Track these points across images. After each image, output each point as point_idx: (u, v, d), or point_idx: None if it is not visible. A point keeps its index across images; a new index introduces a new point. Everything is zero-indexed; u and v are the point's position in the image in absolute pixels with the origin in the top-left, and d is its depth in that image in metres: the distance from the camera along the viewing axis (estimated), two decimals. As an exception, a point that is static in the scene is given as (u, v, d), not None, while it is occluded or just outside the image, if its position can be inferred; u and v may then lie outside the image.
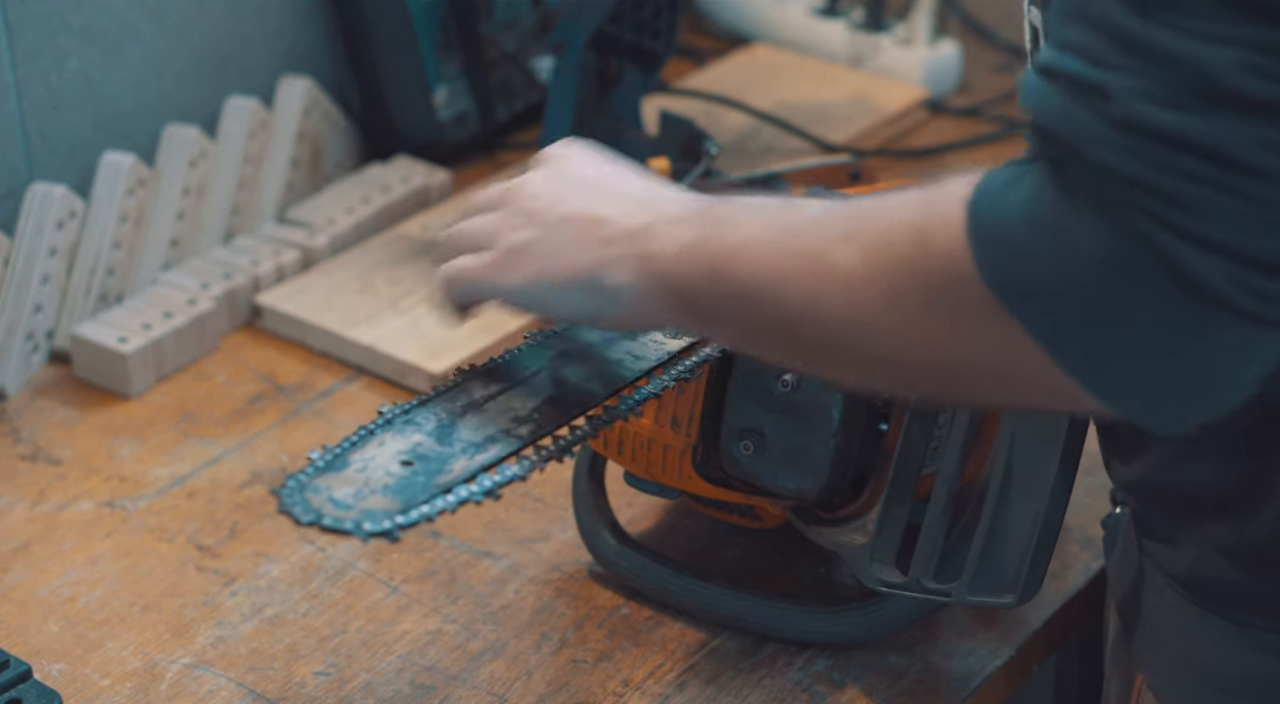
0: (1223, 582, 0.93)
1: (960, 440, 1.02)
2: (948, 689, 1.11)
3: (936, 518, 1.03)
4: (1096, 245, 0.76)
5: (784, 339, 0.89)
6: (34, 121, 1.40)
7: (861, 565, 1.06)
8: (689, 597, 1.15)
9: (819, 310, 0.85)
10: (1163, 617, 0.98)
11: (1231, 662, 0.94)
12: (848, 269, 0.84)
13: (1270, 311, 0.76)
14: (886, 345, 0.84)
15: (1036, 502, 0.99)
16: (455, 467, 0.93)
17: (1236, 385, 0.80)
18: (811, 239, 0.86)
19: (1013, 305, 0.78)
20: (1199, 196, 0.74)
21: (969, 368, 0.82)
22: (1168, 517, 0.96)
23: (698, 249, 0.90)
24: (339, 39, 1.61)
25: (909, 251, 0.82)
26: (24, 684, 1.07)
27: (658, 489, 1.14)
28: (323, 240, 1.50)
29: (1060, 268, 0.77)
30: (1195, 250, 0.74)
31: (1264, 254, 0.75)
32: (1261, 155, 0.74)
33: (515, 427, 0.96)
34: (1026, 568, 1.00)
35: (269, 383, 1.38)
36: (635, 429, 1.12)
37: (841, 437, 1.06)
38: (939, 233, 0.80)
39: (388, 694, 1.10)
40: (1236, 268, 0.75)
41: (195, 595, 1.17)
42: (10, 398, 1.36)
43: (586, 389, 0.99)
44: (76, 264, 1.40)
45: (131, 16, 1.45)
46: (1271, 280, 0.75)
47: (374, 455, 0.93)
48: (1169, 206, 0.74)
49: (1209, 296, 0.75)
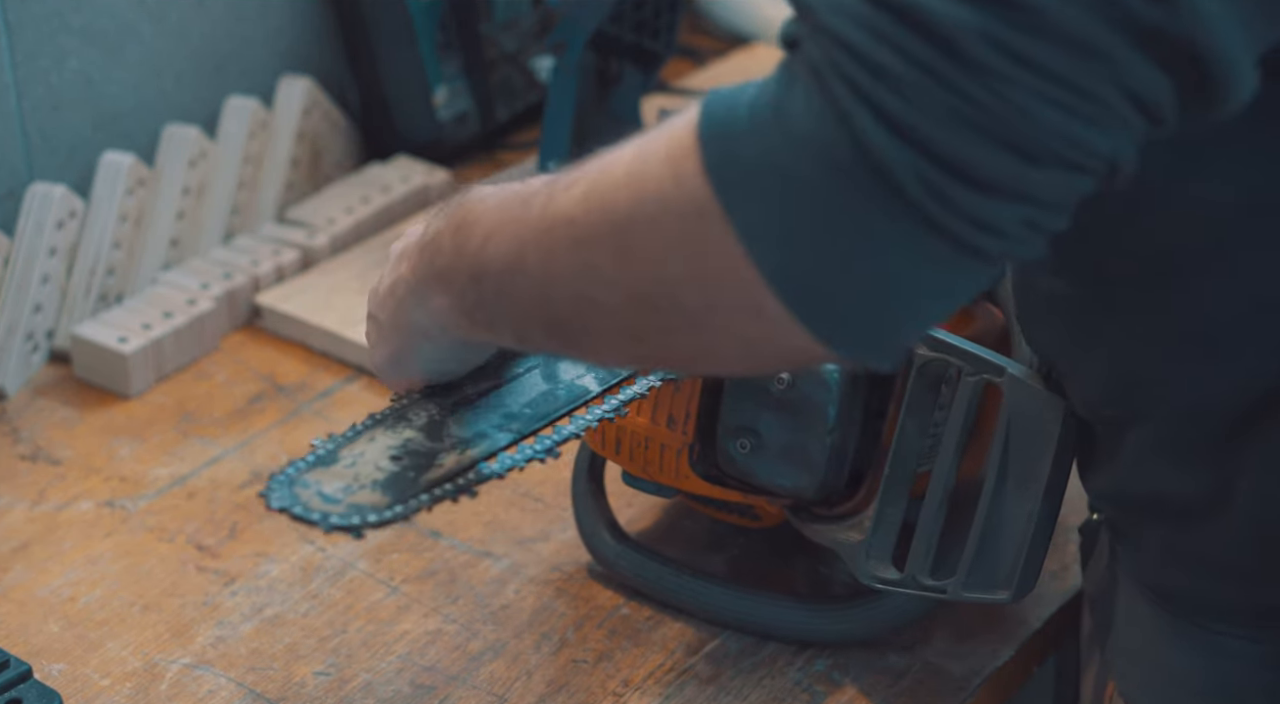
0: (1189, 589, 0.93)
1: (955, 437, 1.03)
2: (948, 689, 1.11)
3: (932, 515, 1.04)
4: (804, 124, 0.72)
5: (545, 321, 0.85)
6: (34, 121, 1.40)
7: (857, 562, 1.07)
8: (689, 596, 1.15)
9: (554, 268, 0.81)
10: (1133, 623, 0.98)
11: (1200, 669, 0.94)
12: (570, 211, 0.80)
13: (953, 222, 0.72)
14: (612, 280, 0.79)
15: (1031, 498, 0.99)
16: (446, 462, 0.93)
17: (921, 310, 0.76)
18: (542, 200, 0.83)
19: (723, 195, 0.74)
20: (907, 77, 0.70)
21: (689, 295, 0.77)
22: (1136, 524, 0.96)
23: (457, 257, 0.89)
24: (339, 39, 1.61)
25: (631, 169, 0.78)
26: (24, 684, 1.07)
27: (655, 488, 1.14)
28: (323, 240, 1.50)
29: (768, 149, 0.73)
30: (889, 135, 0.70)
31: (955, 154, 0.70)
32: (980, 47, 0.70)
33: (507, 423, 0.96)
34: (1022, 564, 1.00)
35: (269, 383, 1.38)
36: (632, 428, 1.12)
37: (837, 434, 1.06)
38: (662, 139, 0.77)
39: (388, 694, 1.10)
40: (925, 164, 0.70)
41: (195, 595, 1.17)
42: (10, 398, 1.36)
43: (580, 386, 0.99)
44: (76, 264, 1.40)
45: (131, 16, 1.45)
46: (959, 188, 0.71)
47: (364, 451, 0.93)
48: (877, 82, 0.70)
49: (894, 190, 0.71)
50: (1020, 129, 0.71)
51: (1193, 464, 0.90)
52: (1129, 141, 0.73)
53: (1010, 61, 0.70)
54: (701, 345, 0.79)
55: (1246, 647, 0.92)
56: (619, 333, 0.82)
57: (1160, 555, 0.95)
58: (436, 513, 1.24)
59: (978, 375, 1.01)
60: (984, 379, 1.01)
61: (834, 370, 1.06)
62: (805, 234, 0.73)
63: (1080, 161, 0.72)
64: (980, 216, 0.72)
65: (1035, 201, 0.72)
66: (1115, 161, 0.73)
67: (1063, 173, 0.72)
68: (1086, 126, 0.71)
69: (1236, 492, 0.89)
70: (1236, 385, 0.87)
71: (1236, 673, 0.93)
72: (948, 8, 0.70)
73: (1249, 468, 0.88)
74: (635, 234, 0.77)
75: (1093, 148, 0.72)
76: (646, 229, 0.77)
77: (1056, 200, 0.73)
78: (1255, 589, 0.91)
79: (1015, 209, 0.72)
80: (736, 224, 0.73)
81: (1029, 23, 0.70)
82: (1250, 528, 0.89)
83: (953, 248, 0.72)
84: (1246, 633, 0.92)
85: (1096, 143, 0.72)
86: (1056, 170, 0.72)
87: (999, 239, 0.73)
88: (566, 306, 0.82)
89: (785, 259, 0.73)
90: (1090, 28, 0.70)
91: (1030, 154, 0.71)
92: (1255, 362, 0.86)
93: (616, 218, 0.78)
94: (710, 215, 0.74)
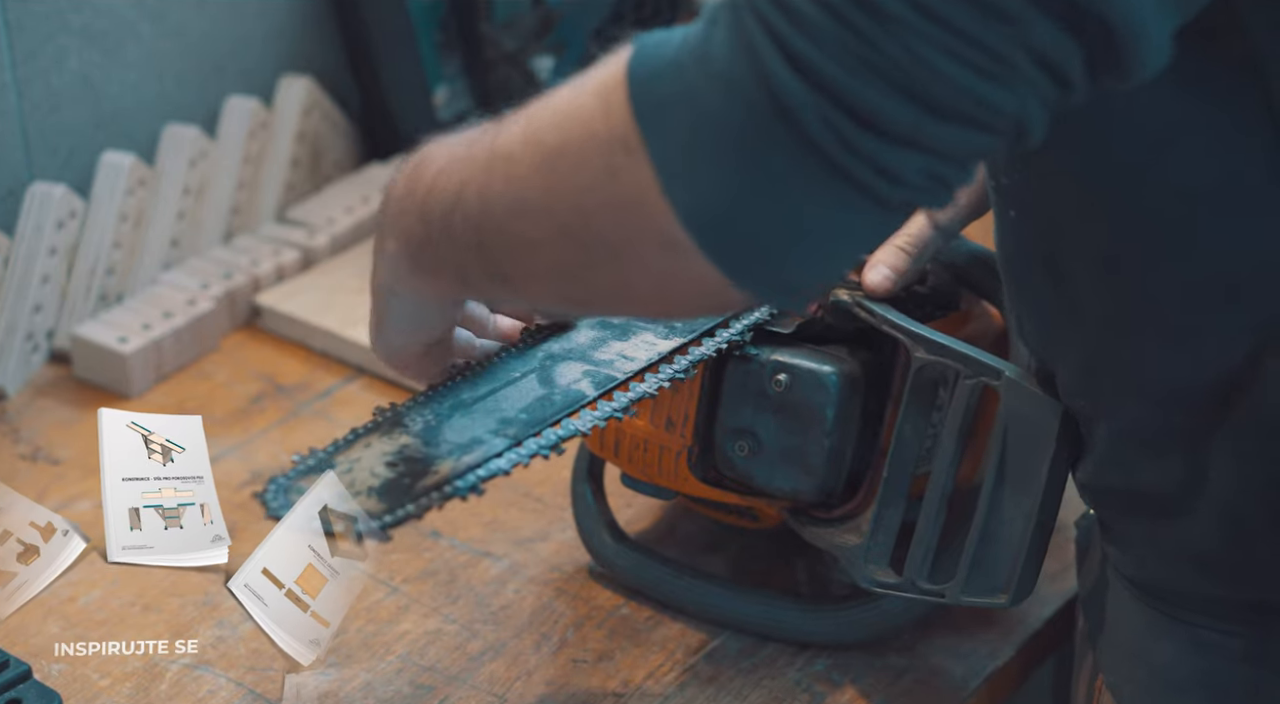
0: (1168, 582, 0.94)
1: (953, 440, 1.02)
2: (948, 689, 1.11)
3: (930, 518, 1.03)
4: (720, 63, 0.74)
5: (483, 260, 0.86)
6: (34, 121, 1.40)
7: (856, 566, 1.06)
8: (688, 597, 1.15)
9: (489, 203, 0.83)
10: (1120, 617, 0.98)
11: (1182, 663, 0.94)
12: (509, 147, 0.82)
13: (855, 166, 0.73)
14: (541, 213, 0.80)
15: (1029, 501, 0.99)
16: (442, 468, 0.93)
17: (824, 251, 0.77)
18: (488, 138, 0.84)
19: (644, 127, 0.75)
20: (816, 20, 0.72)
21: (608, 227, 0.78)
22: (1119, 517, 0.96)
23: (408, 196, 0.90)
24: (339, 39, 1.61)
25: (566, 104, 0.79)
26: (24, 684, 1.07)
27: (654, 490, 1.14)
28: (322, 240, 1.50)
29: (686, 85, 0.75)
30: (795, 77, 0.72)
31: (860, 100, 0.72)
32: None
33: (502, 428, 0.96)
34: (1020, 568, 1.00)
35: (269, 383, 1.38)
36: (631, 431, 1.12)
37: (836, 437, 1.06)
38: (596, 77, 0.78)
39: (388, 694, 1.10)
40: (829, 107, 0.72)
41: (195, 595, 1.17)
42: (10, 398, 1.36)
43: (576, 391, 0.99)
44: (76, 264, 1.40)
45: (131, 16, 1.45)
46: (861, 134, 0.72)
47: (360, 457, 0.93)
48: (788, 23, 0.72)
49: (798, 130, 0.73)
50: (924, 81, 0.72)
51: (1163, 455, 0.90)
52: (1037, 104, 0.74)
53: (920, 15, 0.71)
54: (620, 282, 0.81)
55: (1225, 640, 0.92)
56: (548, 270, 0.83)
57: (1140, 548, 0.95)
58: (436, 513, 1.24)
59: (975, 378, 1.01)
60: (981, 382, 1.01)
61: (833, 374, 1.06)
62: (714, 169, 0.75)
63: (984, 119, 0.73)
64: (881, 163, 0.73)
65: (936, 153, 0.73)
66: (1022, 122, 0.74)
67: (965, 128, 0.73)
68: (991, 85, 0.72)
69: (1208, 482, 0.89)
70: (1203, 374, 0.87)
71: (1216, 666, 0.93)
72: None
73: (1219, 458, 0.88)
74: (562, 166, 0.79)
75: (997, 107, 0.73)
76: (573, 160, 0.78)
77: (958, 154, 0.74)
78: (1231, 582, 0.91)
79: (916, 158, 0.73)
80: (653, 156, 0.75)
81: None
82: (1225, 521, 0.89)
83: (854, 191, 0.74)
84: (1225, 626, 0.92)
85: (1001, 102, 0.73)
86: (958, 125, 0.73)
87: (899, 187, 0.74)
88: (500, 243, 0.84)
89: (695, 193, 0.75)
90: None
91: (933, 107, 0.72)
92: (1221, 350, 0.86)
93: (547, 151, 0.79)
94: (631, 147, 0.76)
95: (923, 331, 1.03)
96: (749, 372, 1.07)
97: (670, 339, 1.04)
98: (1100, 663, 1.00)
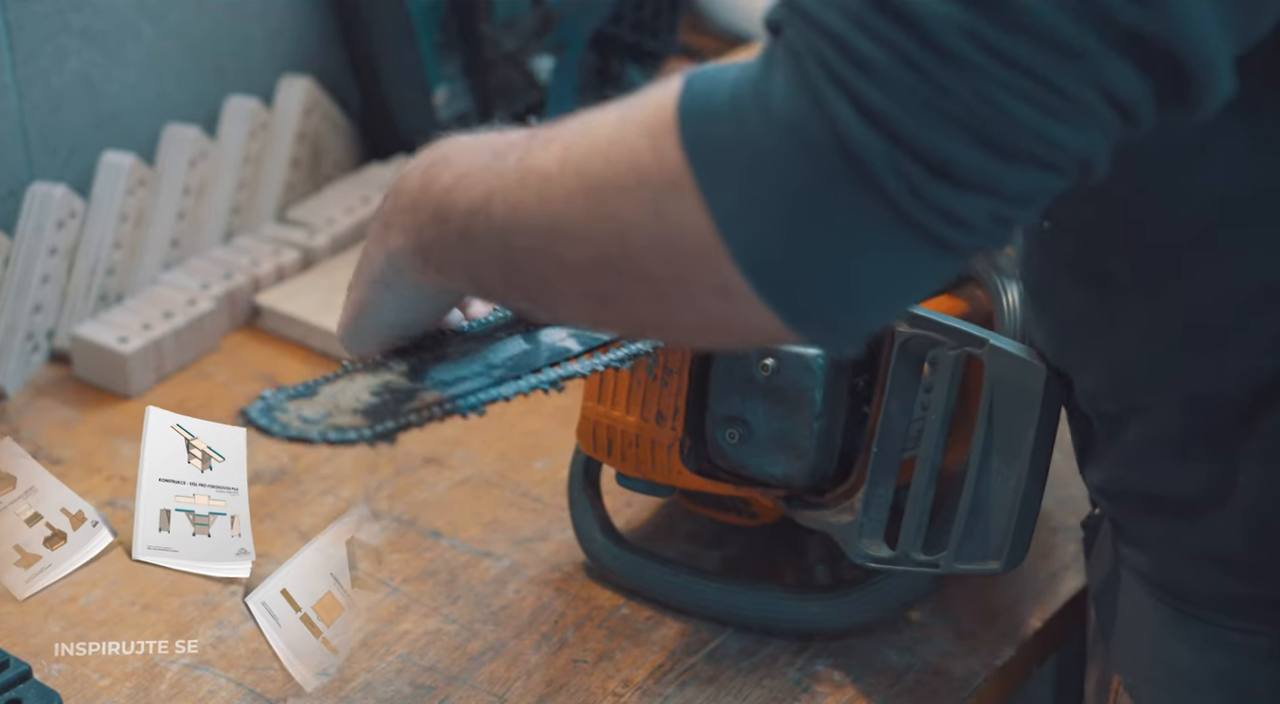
0: (1191, 583, 0.94)
1: (940, 412, 1.03)
2: (948, 689, 1.11)
3: (921, 491, 1.04)
4: (783, 108, 0.73)
5: (505, 271, 0.84)
6: (34, 121, 1.40)
7: (851, 543, 1.07)
8: (687, 596, 1.15)
9: (520, 218, 0.81)
10: (1136, 617, 0.98)
11: (1202, 662, 0.94)
12: (546, 166, 0.80)
13: (923, 213, 0.72)
14: (579, 241, 0.79)
15: (1018, 466, 1.00)
16: (427, 398, 0.92)
17: (884, 296, 0.77)
18: (519, 153, 0.83)
19: (699, 172, 0.74)
20: (885, 65, 0.71)
21: (656, 266, 0.77)
22: (1137, 518, 0.96)
23: (423, 192, 0.88)
24: (339, 39, 1.61)
25: (611, 135, 0.78)
26: (24, 684, 1.07)
27: (649, 488, 1.14)
28: (323, 240, 1.50)
29: (745, 130, 0.74)
30: (865, 124, 0.71)
31: (929, 146, 0.71)
32: (959, 41, 0.70)
33: (488, 371, 0.96)
34: (1012, 533, 1.01)
35: (269, 383, 1.38)
36: (622, 427, 1.12)
37: (824, 419, 1.07)
38: (644, 110, 0.77)
39: (388, 694, 1.10)
40: (899, 154, 0.71)
41: (195, 595, 1.17)
42: (10, 398, 1.36)
43: (562, 347, 0.99)
44: (76, 264, 1.40)
45: (131, 16, 1.45)
46: (932, 181, 0.72)
47: (344, 388, 0.93)
48: (855, 70, 0.71)
49: (866, 178, 0.72)
50: (995, 124, 0.71)
51: (1192, 458, 0.90)
52: (1103, 140, 0.73)
53: (989, 57, 0.71)
54: (664, 315, 0.80)
55: (1249, 639, 0.92)
56: (582, 294, 0.82)
57: (1161, 550, 0.95)
58: (437, 513, 1.24)
59: (959, 348, 1.02)
60: (965, 352, 1.02)
61: (819, 356, 1.06)
62: (775, 215, 0.74)
63: (1052, 159, 0.73)
64: (950, 209, 0.72)
65: (1004, 196, 0.73)
66: (1088, 160, 0.74)
67: (1034, 169, 0.73)
68: (1060, 124, 0.72)
69: (1236, 484, 0.89)
70: (1235, 378, 0.87)
71: (1239, 665, 0.93)
72: (929, 1, 0.70)
73: (1248, 461, 0.88)
74: (608, 200, 0.78)
75: (1066, 146, 0.72)
76: (619, 196, 0.77)
77: (1026, 195, 0.73)
78: (1257, 582, 0.91)
79: (984, 202, 0.73)
80: (709, 201, 0.74)
81: (1009, 19, 0.70)
82: (1251, 521, 0.89)
83: (920, 238, 0.73)
84: (1249, 626, 0.92)
85: (1070, 141, 0.72)
86: (1028, 167, 0.72)
87: (966, 232, 0.73)
88: (528, 260, 0.83)
89: (754, 239, 0.74)
90: (1070, 26, 0.71)
91: (1003, 149, 0.72)
92: (1253, 354, 0.86)
93: (590, 181, 0.78)
94: (684, 191, 0.75)
95: None
96: (735, 358, 1.08)
97: None
98: (1116, 663, 1.00)
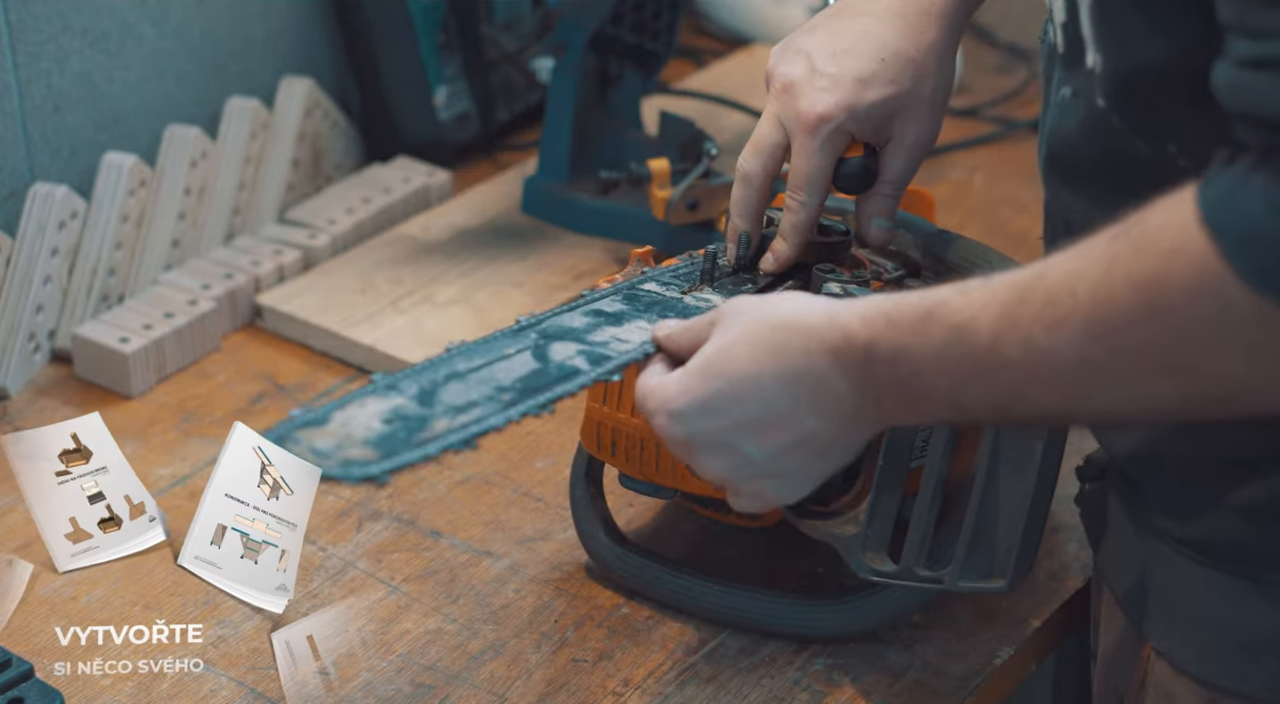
0: (1240, 541, 0.94)
1: (946, 430, 1.03)
2: (948, 689, 1.11)
3: (926, 505, 1.04)
4: None
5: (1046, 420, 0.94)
6: (36, 122, 1.40)
7: (854, 556, 1.07)
8: (688, 597, 1.15)
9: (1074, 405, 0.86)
10: (1172, 585, 0.98)
11: (1252, 621, 0.94)
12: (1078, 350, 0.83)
13: None
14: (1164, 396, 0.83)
15: (1024, 485, 1.00)
16: (437, 426, 0.93)
17: None
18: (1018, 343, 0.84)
19: None
20: None
21: (1261, 403, 0.82)
22: (1177, 483, 0.96)
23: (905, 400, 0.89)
24: (339, 39, 1.61)
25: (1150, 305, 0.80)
26: (26, 683, 1.07)
27: (652, 489, 1.14)
28: (323, 240, 1.50)
29: None
30: None
31: None
32: None
33: (498, 393, 0.96)
34: (1016, 552, 1.01)
35: (270, 383, 1.39)
36: (627, 429, 1.12)
37: None
38: (1177, 270, 0.79)
39: (388, 694, 1.10)
40: None
41: (195, 595, 1.17)
42: (12, 398, 1.36)
43: (570, 366, 0.99)
44: (78, 264, 1.40)
45: (133, 18, 1.45)
46: None
47: (355, 415, 0.94)
48: None
49: None
50: None
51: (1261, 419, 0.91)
52: None
53: None
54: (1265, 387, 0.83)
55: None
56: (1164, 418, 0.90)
57: (1205, 512, 0.95)
58: (437, 512, 1.25)
59: None
60: None
61: None
62: None
63: None
64: None
65: None
66: None
67: None
68: None
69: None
70: None
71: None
72: None
73: None
74: (1182, 358, 0.81)
75: None
76: (1200, 355, 0.80)
77: None
78: None
79: None
80: None
81: None
82: None
83: None
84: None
85: None
86: None
87: None
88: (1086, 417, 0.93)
89: None
90: None
91: None
92: None
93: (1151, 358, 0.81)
94: (1269, 321, 0.77)
95: None
96: None
97: None
98: (1149, 632, 1.00)
